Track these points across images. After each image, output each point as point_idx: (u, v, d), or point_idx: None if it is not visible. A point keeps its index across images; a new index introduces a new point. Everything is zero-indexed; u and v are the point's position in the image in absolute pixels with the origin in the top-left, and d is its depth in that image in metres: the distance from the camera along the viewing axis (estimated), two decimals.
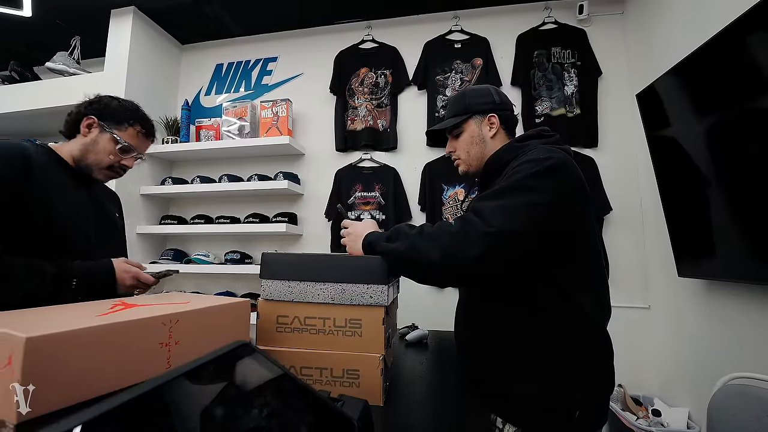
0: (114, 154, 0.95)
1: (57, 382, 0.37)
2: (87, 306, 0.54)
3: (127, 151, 0.97)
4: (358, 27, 2.16)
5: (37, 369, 0.35)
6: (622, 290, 1.72)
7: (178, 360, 0.49)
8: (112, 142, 0.94)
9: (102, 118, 0.95)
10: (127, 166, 0.99)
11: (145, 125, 1.00)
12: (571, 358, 0.73)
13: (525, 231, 0.67)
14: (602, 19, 1.92)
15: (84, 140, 0.95)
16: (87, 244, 0.93)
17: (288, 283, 0.72)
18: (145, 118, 1.01)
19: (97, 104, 0.96)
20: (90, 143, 0.94)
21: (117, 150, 0.95)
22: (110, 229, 1.07)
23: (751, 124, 1.05)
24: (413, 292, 1.31)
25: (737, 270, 1.15)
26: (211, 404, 0.27)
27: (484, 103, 0.90)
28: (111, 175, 0.98)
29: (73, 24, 2.14)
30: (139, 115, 1.00)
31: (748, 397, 0.93)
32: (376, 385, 0.66)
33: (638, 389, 1.64)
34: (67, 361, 0.38)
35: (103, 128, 0.94)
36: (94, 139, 0.94)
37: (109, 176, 0.98)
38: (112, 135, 0.94)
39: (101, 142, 0.94)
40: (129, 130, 0.97)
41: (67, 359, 0.38)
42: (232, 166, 2.20)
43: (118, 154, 0.95)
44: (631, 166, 1.80)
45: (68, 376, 0.38)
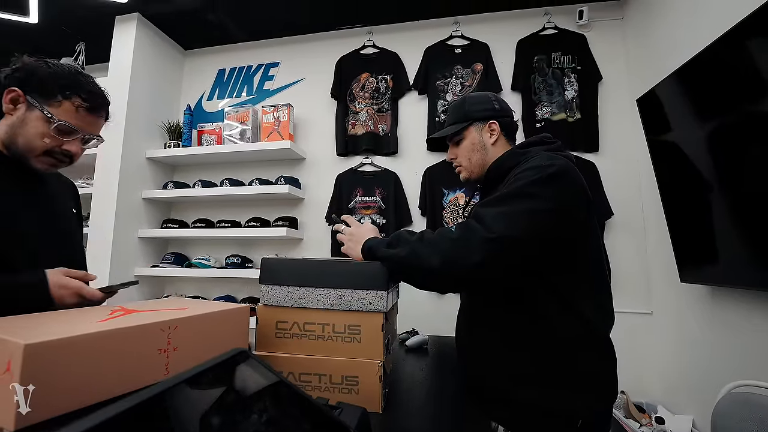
0: (48, 136, 0.73)
1: (55, 388, 0.37)
2: (86, 312, 0.55)
3: (66, 132, 0.75)
4: (359, 32, 2.18)
5: (36, 375, 0.35)
6: (624, 296, 1.71)
7: (176, 366, 0.49)
8: (44, 122, 0.73)
9: (27, 91, 0.73)
10: (71, 151, 0.77)
11: (87, 97, 0.76)
12: (572, 365, 0.72)
13: (526, 238, 0.67)
14: (602, 25, 1.93)
15: (10, 120, 0.74)
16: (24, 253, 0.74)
17: (287, 289, 0.72)
18: (85, 87, 0.77)
19: (19, 72, 0.74)
20: (17, 123, 0.73)
21: (51, 131, 0.73)
22: (63, 230, 0.87)
23: (752, 128, 1.05)
24: (413, 298, 1.31)
25: (740, 276, 1.14)
26: (209, 412, 0.27)
27: (484, 110, 0.90)
28: (53, 162, 0.77)
29: (78, 30, 2.17)
30: (76, 82, 0.76)
31: (753, 405, 0.92)
32: (375, 391, 0.66)
33: (641, 396, 1.62)
34: (65, 367, 0.38)
35: (31, 104, 0.73)
36: (21, 118, 0.73)
37: (51, 164, 0.77)
38: (42, 112, 0.72)
39: (30, 122, 0.73)
40: (65, 105, 0.74)
41: (66, 365, 0.38)
42: (233, 170, 2.21)
43: (54, 136, 0.74)
44: (632, 171, 1.79)
45: (66, 383, 0.38)
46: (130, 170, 2.01)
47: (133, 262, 2.01)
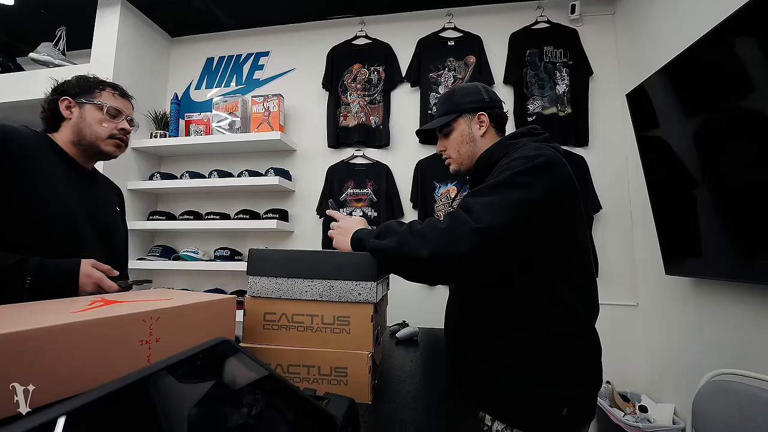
0: (106, 120, 0.94)
1: (27, 382, 0.36)
2: (64, 302, 0.53)
3: (115, 114, 0.96)
4: (352, 23, 2.14)
5: (6, 368, 0.34)
6: (610, 287, 1.74)
7: (159, 358, 0.48)
8: (98, 110, 0.93)
9: (75, 96, 0.93)
10: (126, 129, 0.98)
11: (114, 87, 0.99)
12: (558, 354, 0.73)
13: (514, 227, 0.67)
14: (594, 20, 1.93)
15: (71, 122, 0.93)
16: (75, 240, 0.87)
17: (276, 280, 0.71)
18: (110, 83, 1.00)
19: (61, 87, 0.95)
20: (79, 122, 0.93)
21: (105, 115, 0.94)
22: (110, 225, 1.03)
23: (735, 125, 1.07)
24: (404, 290, 1.31)
25: (721, 268, 1.17)
26: (188, 402, 0.26)
27: (474, 102, 0.89)
28: (117, 143, 0.97)
29: (58, 14, 2.08)
30: (102, 80, 0.99)
31: (732, 392, 0.95)
32: (364, 382, 0.66)
33: (626, 386, 1.66)
34: (38, 359, 0.36)
35: (82, 102, 0.93)
36: (80, 117, 0.93)
37: (116, 146, 0.97)
38: (93, 104, 0.93)
39: (88, 116, 0.93)
40: (104, 94, 0.96)
41: (38, 358, 0.37)
42: (222, 161, 2.17)
43: (109, 119, 0.95)
44: (621, 165, 1.82)
45: (39, 376, 0.37)
46: (114, 161, 1.91)
47: None
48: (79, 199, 0.92)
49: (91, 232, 0.93)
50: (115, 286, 0.82)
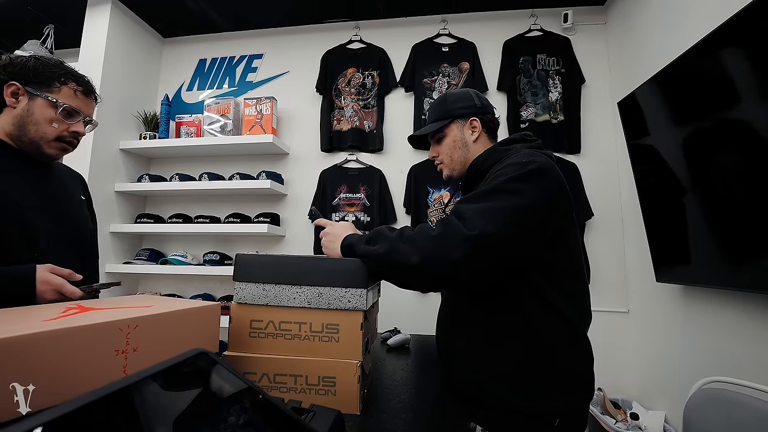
0: (57, 120, 0.80)
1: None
2: (36, 309, 0.50)
3: (71, 114, 0.82)
4: (346, 27, 2.14)
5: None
6: (601, 294, 1.74)
7: (136, 369, 0.46)
8: (51, 107, 0.80)
9: (25, 83, 0.79)
10: (79, 132, 0.85)
11: (79, 81, 0.85)
12: (553, 365, 0.72)
13: (506, 234, 0.66)
14: (586, 29, 1.96)
15: (14, 112, 0.79)
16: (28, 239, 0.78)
17: (263, 286, 0.69)
18: (76, 74, 0.85)
19: (11, 67, 0.79)
20: (24, 114, 0.79)
21: (58, 115, 0.80)
22: (74, 217, 0.93)
23: (723, 134, 1.08)
24: (396, 296, 1.29)
25: (711, 276, 1.18)
26: (160, 421, 0.24)
27: (465, 107, 0.89)
28: (63, 147, 0.84)
29: (46, 11, 2.04)
30: (67, 71, 0.84)
31: (722, 400, 0.95)
32: (353, 392, 0.64)
33: (617, 393, 1.66)
34: (4, 372, 0.34)
35: (32, 94, 0.79)
36: (26, 109, 0.79)
37: (62, 149, 0.84)
38: (46, 99, 0.79)
39: (37, 111, 0.79)
40: (63, 90, 0.81)
41: (5, 370, 0.34)
42: (213, 164, 2.14)
43: (61, 119, 0.81)
44: (612, 173, 1.83)
45: (7, 389, 0.34)
46: (101, 162, 1.91)
47: (105, 258, 1.91)
48: (31, 194, 0.81)
49: (50, 228, 0.83)
50: (78, 292, 0.74)
